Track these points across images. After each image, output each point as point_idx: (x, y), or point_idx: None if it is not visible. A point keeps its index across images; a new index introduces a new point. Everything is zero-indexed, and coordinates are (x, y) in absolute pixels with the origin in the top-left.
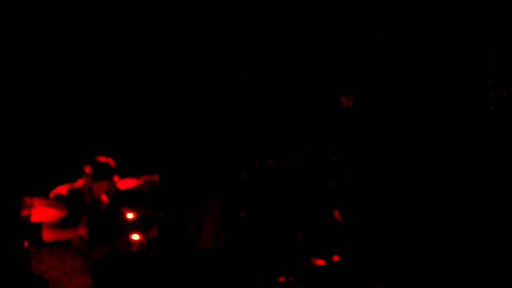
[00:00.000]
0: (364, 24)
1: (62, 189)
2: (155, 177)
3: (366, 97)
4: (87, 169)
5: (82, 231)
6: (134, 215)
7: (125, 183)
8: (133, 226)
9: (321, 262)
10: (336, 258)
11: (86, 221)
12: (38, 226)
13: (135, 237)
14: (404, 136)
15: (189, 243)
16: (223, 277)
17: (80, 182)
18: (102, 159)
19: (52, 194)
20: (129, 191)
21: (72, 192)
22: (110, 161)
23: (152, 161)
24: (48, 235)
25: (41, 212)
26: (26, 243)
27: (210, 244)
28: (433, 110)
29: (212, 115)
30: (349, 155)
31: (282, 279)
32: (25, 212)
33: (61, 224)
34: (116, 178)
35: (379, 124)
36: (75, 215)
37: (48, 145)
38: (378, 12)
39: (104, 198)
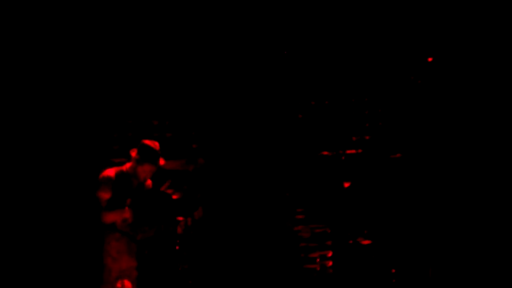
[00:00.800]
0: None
1: (110, 172)
2: (200, 160)
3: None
4: (133, 153)
5: (127, 214)
6: (178, 195)
7: (170, 164)
8: (178, 207)
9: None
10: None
11: (130, 203)
12: None
13: (180, 218)
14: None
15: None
16: (268, 260)
17: (127, 166)
18: (148, 142)
19: (100, 176)
20: (173, 172)
21: (120, 175)
22: (156, 145)
23: (196, 143)
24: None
25: None
26: None
27: None
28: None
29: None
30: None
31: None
32: None
33: (107, 206)
34: (161, 161)
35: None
36: (122, 197)
37: (98, 130)
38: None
39: (149, 181)
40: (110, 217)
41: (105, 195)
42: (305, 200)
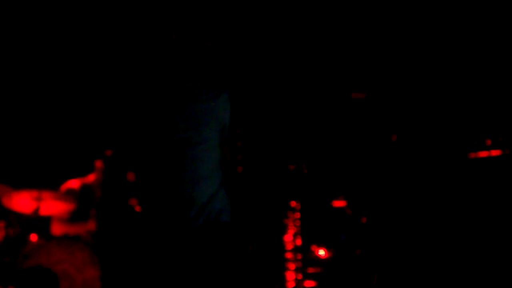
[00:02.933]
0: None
1: (73, 183)
2: None
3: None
4: (98, 164)
5: (92, 225)
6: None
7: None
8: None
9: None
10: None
11: (94, 214)
12: (47, 219)
13: None
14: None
15: None
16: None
17: (91, 177)
18: (112, 153)
19: (63, 188)
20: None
21: (84, 187)
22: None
23: None
24: (57, 229)
25: (50, 206)
26: (35, 237)
27: None
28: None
29: None
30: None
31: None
32: (34, 206)
33: (71, 218)
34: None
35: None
36: (86, 209)
37: (60, 140)
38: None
39: None
40: (75, 229)
41: (69, 207)
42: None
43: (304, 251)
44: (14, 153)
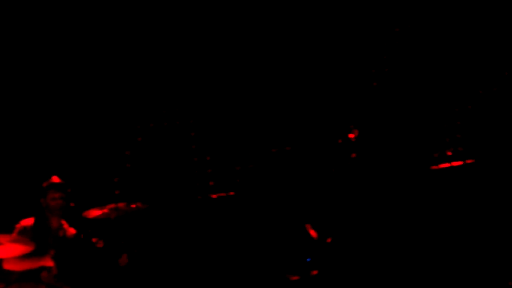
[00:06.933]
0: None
1: (27, 222)
2: (121, 205)
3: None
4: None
5: (47, 262)
6: (102, 244)
7: (92, 213)
8: (104, 255)
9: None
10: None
11: (54, 254)
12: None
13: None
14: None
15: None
16: None
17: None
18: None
19: (17, 227)
20: (96, 220)
21: (38, 224)
22: (55, 179)
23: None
24: (9, 265)
25: (8, 249)
26: None
27: None
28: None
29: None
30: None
31: None
32: None
33: (28, 254)
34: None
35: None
36: (43, 247)
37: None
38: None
39: (71, 229)
40: (28, 265)
41: (27, 249)
42: None
43: None
44: None
